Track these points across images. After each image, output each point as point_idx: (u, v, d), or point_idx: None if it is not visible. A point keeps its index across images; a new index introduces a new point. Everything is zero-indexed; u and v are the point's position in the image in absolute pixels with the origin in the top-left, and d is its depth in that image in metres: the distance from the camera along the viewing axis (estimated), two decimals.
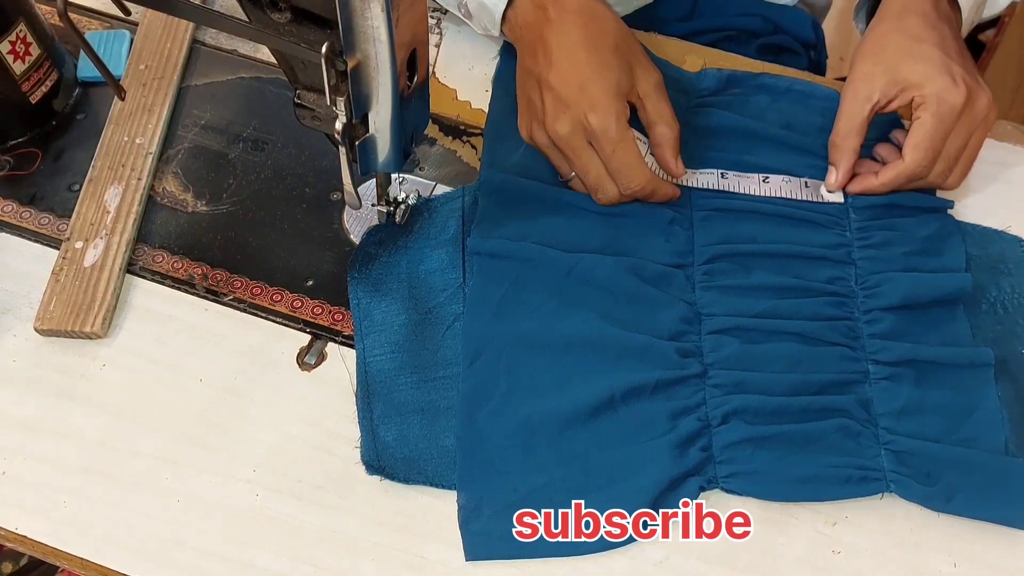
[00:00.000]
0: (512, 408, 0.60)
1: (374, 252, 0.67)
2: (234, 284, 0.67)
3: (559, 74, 0.65)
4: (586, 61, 0.65)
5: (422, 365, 0.63)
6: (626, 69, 0.66)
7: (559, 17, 0.67)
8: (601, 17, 0.67)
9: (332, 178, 0.71)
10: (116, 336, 0.65)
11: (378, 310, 0.65)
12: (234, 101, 0.76)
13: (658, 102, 0.67)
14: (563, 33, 0.66)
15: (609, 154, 0.65)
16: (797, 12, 0.92)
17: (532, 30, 0.68)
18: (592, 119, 0.64)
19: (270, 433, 0.62)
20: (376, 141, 0.58)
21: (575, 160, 0.66)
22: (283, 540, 0.58)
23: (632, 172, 0.65)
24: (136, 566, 0.57)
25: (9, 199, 0.71)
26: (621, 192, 0.66)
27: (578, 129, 0.65)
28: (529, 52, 0.68)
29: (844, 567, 0.58)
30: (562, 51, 0.66)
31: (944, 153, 0.67)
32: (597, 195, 0.67)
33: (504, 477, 0.59)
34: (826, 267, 0.68)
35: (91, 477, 0.60)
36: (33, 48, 0.71)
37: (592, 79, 0.64)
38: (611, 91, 0.64)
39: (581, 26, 0.66)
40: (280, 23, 0.54)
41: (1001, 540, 0.59)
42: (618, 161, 0.65)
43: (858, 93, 0.69)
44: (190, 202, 0.71)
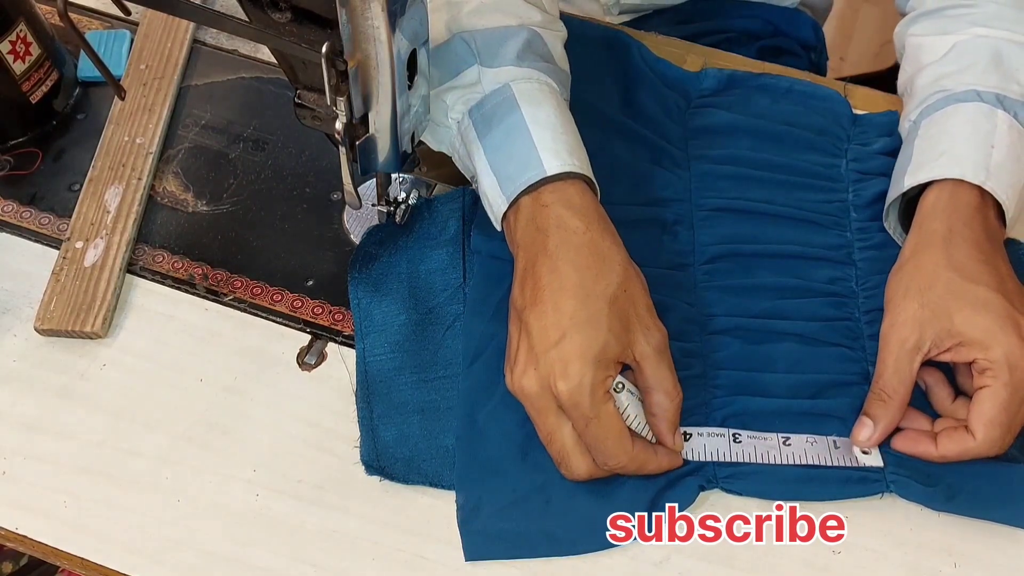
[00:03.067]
0: (512, 409, 0.60)
1: (374, 252, 0.67)
2: (234, 284, 0.67)
3: (539, 319, 0.56)
4: (572, 312, 0.55)
5: (422, 365, 0.63)
6: (620, 328, 0.56)
7: (557, 250, 0.57)
8: (606, 260, 0.58)
9: (332, 178, 0.71)
10: (116, 336, 0.65)
11: (378, 310, 0.65)
12: (234, 101, 0.76)
13: (657, 367, 0.57)
14: (556, 271, 0.57)
15: (581, 428, 0.55)
16: (797, 14, 0.92)
17: (527, 253, 0.59)
18: (561, 385, 0.54)
19: (270, 433, 0.62)
20: (376, 141, 0.58)
21: (539, 426, 0.57)
22: (283, 540, 0.58)
23: (611, 450, 0.56)
24: (136, 566, 0.57)
25: (9, 199, 0.71)
26: (599, 467, 0.57)
27: (546, 391, 0.55)
28: (519, 277, 0.59)
29: (844, 567, 0.58)
30: (549, 292, 0.56)
31: (1013, 425, 0.58)
32: (561, 469, 0.57)
33: (503, 477, 0.59)
34: (826, 267, 0.68)
35: (91, 477, 0.60)
36: (33, 48, 0.71)
37: (571, 336, 0.55)
38: (590, 355, 0.54)
39: (579, 268, 0.57)
40: (280, 23, 0.54)
41: (1001, 540, 0.59)
42: (592, 437, 0.55)
43: (905, 342, 0.59)
44: (190, 202, 0.71)
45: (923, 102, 0.68)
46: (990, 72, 0.66)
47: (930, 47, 0.69)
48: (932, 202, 0.63)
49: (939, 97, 0.67)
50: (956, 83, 0.66)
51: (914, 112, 0.69)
